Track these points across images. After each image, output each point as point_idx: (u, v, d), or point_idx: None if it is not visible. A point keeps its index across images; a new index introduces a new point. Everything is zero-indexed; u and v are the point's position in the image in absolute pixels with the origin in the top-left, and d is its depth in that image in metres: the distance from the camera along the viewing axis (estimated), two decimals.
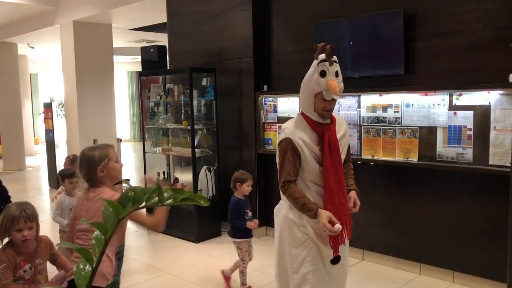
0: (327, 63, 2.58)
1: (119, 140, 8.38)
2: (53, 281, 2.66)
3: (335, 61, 2.60)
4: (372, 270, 4.45)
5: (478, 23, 3.78)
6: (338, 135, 2.71)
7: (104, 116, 8.58)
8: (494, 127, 3.66)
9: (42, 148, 14.11)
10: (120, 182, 6.56)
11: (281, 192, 2.72)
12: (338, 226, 2.49)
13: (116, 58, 10.55)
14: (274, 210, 2.89)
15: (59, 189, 5.46)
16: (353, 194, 2.76)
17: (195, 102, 5.58)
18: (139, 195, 0.94)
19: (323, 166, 2.61)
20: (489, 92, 3.68)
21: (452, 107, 3.90)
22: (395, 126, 4.26)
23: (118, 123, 9.23)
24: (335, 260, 2.74)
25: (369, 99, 4.43)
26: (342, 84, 2.63)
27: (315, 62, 2.62)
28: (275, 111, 5.27)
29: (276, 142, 5.25)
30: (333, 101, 2.63)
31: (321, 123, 2.66)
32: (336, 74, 2.60)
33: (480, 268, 3.90)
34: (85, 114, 8.35)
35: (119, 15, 7.80)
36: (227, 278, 4.14)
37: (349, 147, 2.89)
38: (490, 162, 3.70)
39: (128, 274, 4.54)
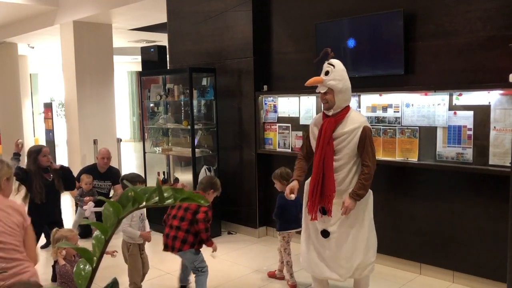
0: (323, 65, 3.33)
1: (119, 140, 8.38)
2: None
3: (329, 63, 3.30)
4: None
5: (478, 23, 3.78)
6: (343, 130, 3.25)
7: (104, 116, 8.57)
8: (494, 127, 3.66)
9: None
10: (120, 182, 6.54)
11: None
12: (292, 196, 3.37)
13: (116, 58, 10.53)
14: None
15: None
16: (346, 199, 3.23)
17: (195, 102, 5.58)
18: (139, 195, 0.94)
19: (315, 148, 3.34)
20: (489, 92, 3.68)
21: (452, 107, 3.90)
22: (395, 126, 4.26)
23: (118, 123, 9.22)
24: (323, 233, 3.33)
25: (369, 99, 4.43)
26: (331, 82, 3.23)
27: None
28: (275, 111, 5.27)
29: (276, 142, 5.27)
30: (326, 94, 3.26)
31: (327, 115, 3.32)
32: (326, 73, 3.27)
33: (480, 268, 3.90)
34: (85, 114, 8.34)
35: (119, 15, 7.79)
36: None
37: (363, 151, 3.24)
38: (490, 162, 3.69)
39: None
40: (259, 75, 5.36)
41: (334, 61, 3.32)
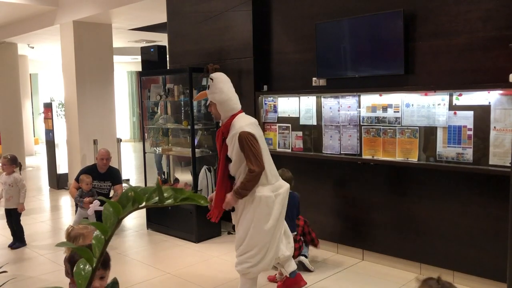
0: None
1: (119, 140, 8.37)
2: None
3: (210, 78, 3.66)
4: (372, 270, 4.45)
5: (478, 23, 3.78)
6: (228, 137, 3.51)
7: (104, 116, 8.58)
8: (494, 127, 3.66)
9: (42, 148, 14.11)
10: (120, 182, 6.55)
11: None
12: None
13: (116, 58, 10.54)
14: None
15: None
16: (227, 195, 3.62)
17: (195, 102, 5.58)
18: (139, 195, 0.94)
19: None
20: (489, 92, 3.68)
21: (452, 107, 3.90)
22: (395, 126, 4.25)
23: (118, 123, 9.23)
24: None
25: (369, 99, 4.42)
26: (210, 95, 3.63)
27: None
28: (275, 111, 5.27)
29: (276, 142, 5.26)
30: (211, 107, 3.66)
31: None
32: (208, 87, 3.65)
33: (480, 268, 3.90)
34: (85, 114, 8.35)
35: (119, 15, 7.80)
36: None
37: (245, 156, 3.41)
38: (490, 162, 3.69)
39: (128, 274, 4.55)
40: (259, 75, 5.35)
41: (214, 75, 3.68)
